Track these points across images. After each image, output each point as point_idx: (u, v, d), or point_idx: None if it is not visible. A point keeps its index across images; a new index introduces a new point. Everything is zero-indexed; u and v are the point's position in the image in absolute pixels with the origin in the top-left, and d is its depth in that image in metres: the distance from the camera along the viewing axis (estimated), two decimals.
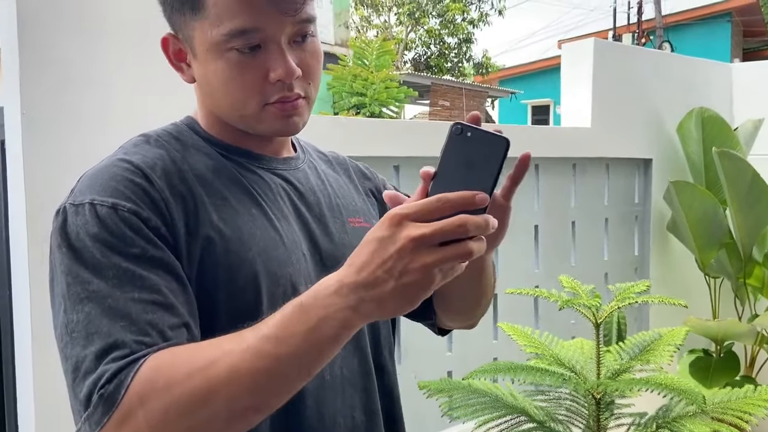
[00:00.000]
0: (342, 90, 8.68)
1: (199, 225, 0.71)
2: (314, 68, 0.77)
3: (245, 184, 0.78)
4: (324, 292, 0.58)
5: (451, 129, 0.56)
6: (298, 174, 0.85)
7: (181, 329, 0.66)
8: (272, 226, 0.77)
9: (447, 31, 17.78)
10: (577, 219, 2.57)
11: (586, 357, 1.74)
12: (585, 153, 2.55)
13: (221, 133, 0.81)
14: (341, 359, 0.80)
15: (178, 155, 0.76)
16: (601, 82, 2.60)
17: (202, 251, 0.71)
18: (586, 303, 1.51)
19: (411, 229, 0.54)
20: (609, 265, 2.71)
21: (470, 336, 2.20)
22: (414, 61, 17.99)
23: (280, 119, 0.76)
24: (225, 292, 0.71)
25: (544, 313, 2.44)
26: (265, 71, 0.73)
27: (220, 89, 0.75)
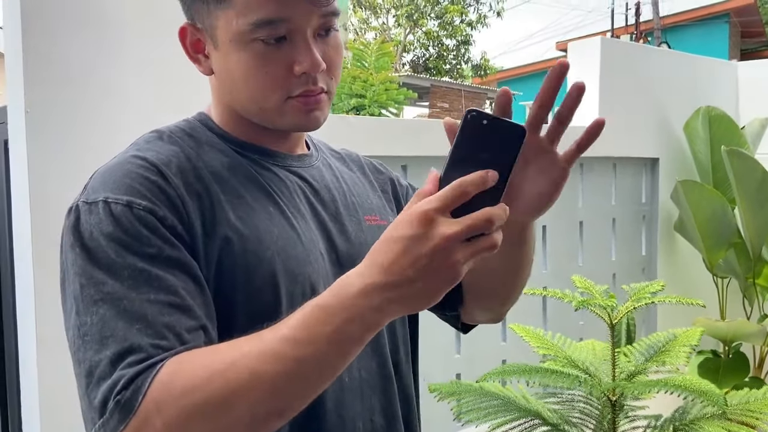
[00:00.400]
0: (341, 92, 8.67)
1: (216, 224, 0.69)
2: (337, 63, 0.75)
3: (261, 181, 0.75)
4: (347, 292, 0.56)
5: (466, 115, 0.54)
6: (313, 171, 0.83)
7: (199, 332, 0.63)
8: (290, 225, 0.74)
9: (445, 33, 17.78)
10: (585, 219, 2.55)
11: (599, 358, 1.71)
12: (592, 152, 2.48)
13: (236, 130, 0.78)
14: (359, 360, 0.78)
15: (192, 152, 0.73)
16: (608, 81, 2.57)
17: (220, 251, 0.68)
18: (601, 303, 1.48)
19: (444, 227, 0.53)
20: (617, 265, 2.68)
21: (478, 338, 2.17)
22: (412, 64, 17.98)
23: (302, 113, 0.74)
24: (243, 293, 0.69)
25: (553, 314, 2.41)
26: (289, 63, 0.71)
27: (241, 81, 0.72)
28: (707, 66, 3.06)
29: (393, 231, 0.55)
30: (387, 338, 0.82)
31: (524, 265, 0.83)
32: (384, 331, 0.81)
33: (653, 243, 2.84)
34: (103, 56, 1.33)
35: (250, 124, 0.77)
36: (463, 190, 0.53)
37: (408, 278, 0.53)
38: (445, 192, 0.53)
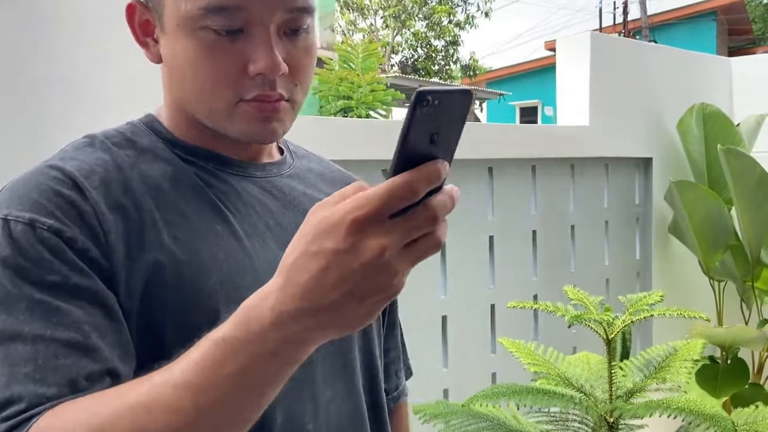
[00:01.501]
0: (328, 94, 8.55)
1: (144, 246, 0.58)
2: (304, 68, 0.65)
3: (209, 195, 0.64)
4: (256, 323, 0.45)
5: (417, 101, 0.42)
6: (280, 182, 0.71)
7: (103, 378, 0.53)
8: (241, 247, 0.63)
9: (433, 34, 17.71)
10: (576, 222, 2.44)
11: (595, 374, 1.60)
12: (583, 153, 2.42)
13: (187, 133, 0.68)
14: (329, 403, 0.67)
15: (127, 160, 0.63)
16: (599, 78, 2.47)
17: (148, 279, 0.57)
18: (596, 318, 1.37)
19: (377, 237, 0.42)
20: (610, 270, 2.58)
21: (467, 350, 2.06)
22: (401, 65, 17.89)
23: (255, 122, 0.64)
24: (175, 330, 0.58)
25: (545, 321, 2.31)
26: (243, 61, 0.61)
27: (187, 74, 0.63)
28: (700, 62, 2.97)
29: (312, 241, 0.44)
30: (363, 374, 0.72)
31: None
32: (358, 368, 0.71)
33: (648, 246, 2.74)
34: (56, 53, 1.20)
35: (203, 127, 0.66)
36: (413, 189, 0.42)
37: (334, 302, 0.43)
38: (382, 192, 0.42)
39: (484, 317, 2.13)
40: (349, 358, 0.70)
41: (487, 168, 2.13)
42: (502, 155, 2.14)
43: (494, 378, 2.14)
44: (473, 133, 2.09)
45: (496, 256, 2.15)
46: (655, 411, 1.29)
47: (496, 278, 2.16)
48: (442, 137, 0.44)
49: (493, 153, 2.11)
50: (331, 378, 0.67)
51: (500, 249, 2.16)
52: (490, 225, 2.14)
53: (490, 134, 2.14)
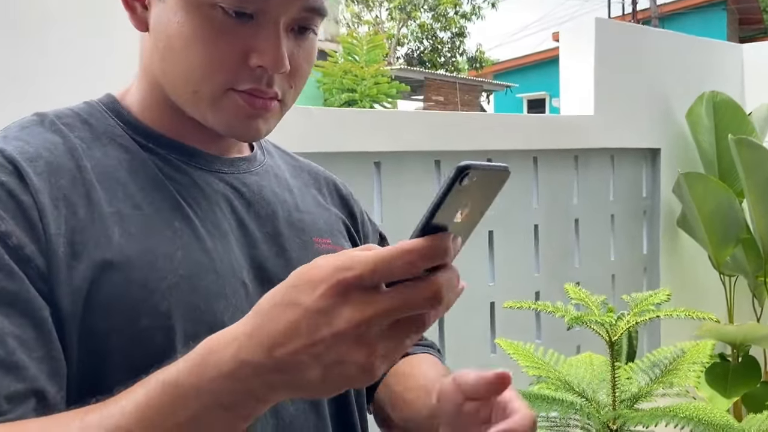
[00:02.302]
0: (332, 87, 8.47)
1: (90, 243, 0.52)
2: (303, 71, 0.60)
3: (169, 188, 0.58)
4: (213, 370, 0.40)
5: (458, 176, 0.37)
6: (249, 179, 0.65)
7: (28, 399, 0.46)
8: (201, 247, 0.57)
9: (439, 26, 17.54)
10: (581, 216, 2.35)
11: (598, 377, 1.52)
12: (588, 143, 2.33)
13: (155, 118, 0.61)
14: (292, 419, 0.60)
15: (81, 145, 0.56)
16: (604, 66, 2.37)
17: (92, 280, 0.51)
18: (597, 319, 1.28)
19: (357, 309, 0.37)
20: (616, 265, 2.49)
21: (465, 349, 1.97)
22: (407, 57, 17.75)
23: (242, 116, 0.58)
24: (122, 337, 0.51)
25: (547, 318, 2.22)
26: (246, 48, 0.56)
27: (181, 50, 0.56)
28: (711, 48, 2.86)
29: (291, 291, 0.39)
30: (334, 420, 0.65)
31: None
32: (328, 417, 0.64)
33: (655, 241, 2.65)
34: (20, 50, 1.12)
35: (174, 113, 0.60)
36: (411, 261, 0.37)
37: (301, 363, 0.38)
38: (375, 257, 0.37)
39: (483, 316, 2.04)
40: None
41: (486, 159, 2.04)
42: (502, 146, 2.05)
43: None
44: (471, 123, 2.00)
45: (496, 252, 2.07)
46: (661, 419, 1.21)
47: (496, 275, 2.07)
48: (469, 212, 0.39)
49: (493, 144, 2.02)
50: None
51: (500, 244, 2.08)
52: (489, 220, 2.06)
53: (490, 124, 2.06)
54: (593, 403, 1.40)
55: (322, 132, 1.60)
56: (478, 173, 0.37)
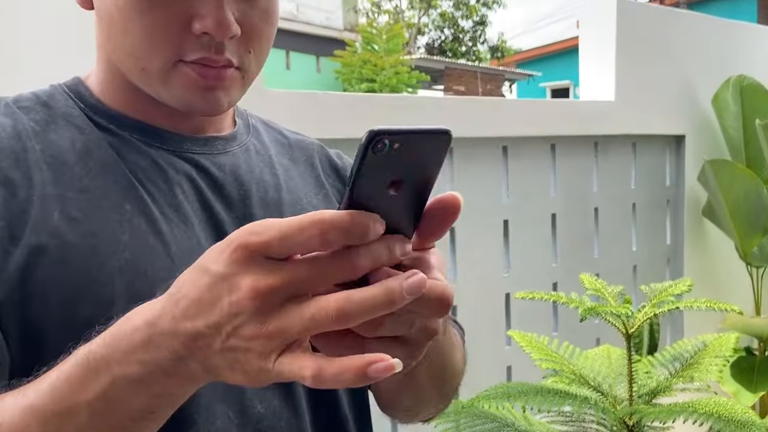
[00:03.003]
0: (351, 77, 8.42)
1: (26, 227, 0.49)
2: (261, 32, 0.55)
3: (122, 169, 0.55)
4: (125, 338, 0.38)
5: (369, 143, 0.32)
6: (221, 159, 0.61)
7: None
8: (154, 229, 0.53)
9: (461, 14, 17.34)
10: (600, 205, 2.29)
11: (615, 371, 1.46)
12: (608, 130, 2.25)
13: (118, 98, 0.58)
14: (259, 420, 0.56)
15: (35, 127, 0.54)
16: (626, 49, 2.29)
17: (26, 266, 0.48)
18: (613, 310, 1.23)
19: (255, 276, 0.34)
20: (638, 256, 2.41)
21: (478, 342, 1.93)
22: (427, 47, 17.60)
23: (195, 90, 0.54)
24: (60, 327, 0.48)
25: (564, 309, 2.16)
26: (187, 16, 0.52)
27: (120, 23, 0.53)
28: (737, 31, 2.75)
29: (205, 255, 0.37)
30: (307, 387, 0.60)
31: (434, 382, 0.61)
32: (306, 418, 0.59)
33: (679, 230, 2.56)
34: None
35: (137, 92, 0.57)
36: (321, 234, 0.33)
37: (201, 333, 0.35)
38: (289, 224, 0.33)
39: (498, 307, 1.99)
40: None
41: (502, 147, 1.99)
42: (519, 133, 1.99)
43: (509, 372, 2.01)
44: (486, 109, 1.94)
45: (512, 242, 2.01)
46: (679, 415, 1.15)
47: (511, 265, 2.02)
48: (407, 184, 0.35)
49: (508, 130, 1.97)
50: (262, 390, 0.55)
51: (516, 234, 2.02)
52: (504, 208, 2.01)
53: (505, 110, 2.00)
54: (609, 398, 1.34)
55: (328, 117, 1.56)
56: (400, 139, 0.32)
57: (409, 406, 0.65)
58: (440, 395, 0.64)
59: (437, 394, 0.63)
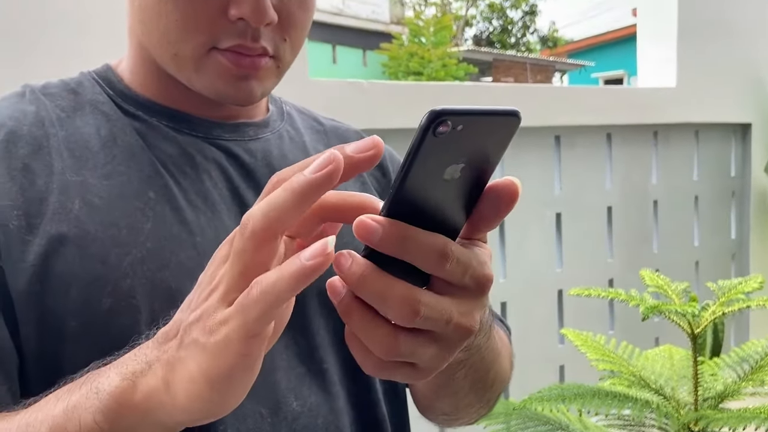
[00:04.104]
0: (398, 70, 8.38)
1: (46, 215, 0.47)
2: (298, 21, 0.53)
3: (149, 156, 0.53)
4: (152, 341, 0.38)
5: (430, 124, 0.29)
6: (253, 145, 0.59)
7: None
8: (179, 218, 0.51)
9: (509, 4, 17.02)
10: (660, 197, 2.17)
11: (678, 373, 1.38)
12: (669, 118, 2.14)
13: (145, 84, 0.57)
14: (296, 418, 0.53)
15: (60, 114, 0.53)
16: (688, 32, 2.16)
17: (46, 255, 0.46)
18: (678, 309, 1.15)
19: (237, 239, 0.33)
20: (700, 251, 2.29)
21: (529, 340, 1.86)
22: (475, 39, 17.35)
23: (229, 78, 0.52)
24: (81, 318, 0.46)
25: (621, 306, 2.07)
26: (224, 1, 0.50)
27: (155, 12, 0.52)
28: None
29: None
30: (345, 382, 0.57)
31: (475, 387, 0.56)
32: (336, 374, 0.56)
33: (745, 224, 2.42)
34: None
35: (168, 79, 0.55)
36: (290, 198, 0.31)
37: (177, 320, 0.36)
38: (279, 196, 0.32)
39: (550, 303, 1.92)
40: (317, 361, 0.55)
41: (554, 136, 1.91)
42: (572, 122, 1.91)
43: (562, 372, 1.94)
44: (537, 97, 1.87)
45: (565, 236, 1.93)
46: (751, 421, 1.06)
47: (564, 260, 1.94)
48: (466, 172, 0.32)
49: (561, 119, 1.88)
50: (297, 385, 0.52)
51: (569, 227, 1.94)
52: (557, 200, 1.93)
53: (558, 98, 1.91)
54: (672, 402, 1.26)
55: (375, 107, 1.52)
56: (464, 120, 0.29)
57: (448, 411, 0.61)
58: (481, 401, 0.60)
59: (478, 400, 0.59)
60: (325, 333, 0.55)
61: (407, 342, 0.32)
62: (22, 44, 1.09)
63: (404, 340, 0.32)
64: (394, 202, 0.31)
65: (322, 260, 0.30)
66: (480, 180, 0.33)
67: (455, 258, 0.32)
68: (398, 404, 0.63)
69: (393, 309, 0.31)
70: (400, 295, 0.31)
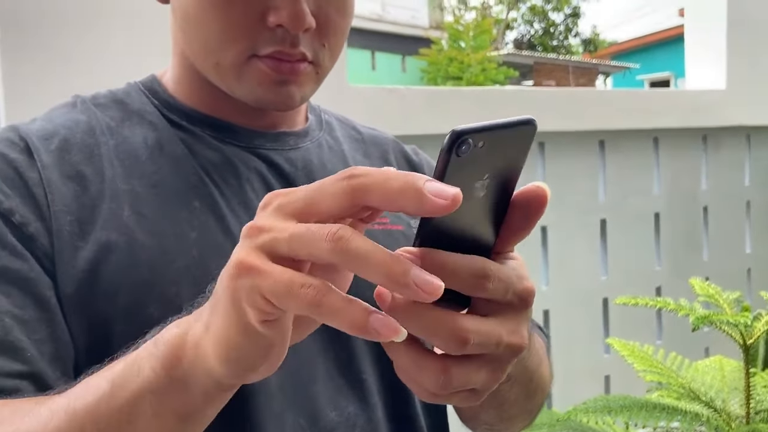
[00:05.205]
0: (437, 75, 8.37)
1: (97, 222, 0.49)
2: (335, 26, 0.54)
3: (193, 165, 0.54)
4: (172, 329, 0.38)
5: (452, 144, 0.30)
6: (293, 155, 0.60)
7: (24, 381, 0.44)
8: (222, 227, 0.52)
9: (551, 6, 16.80)
10: (710, 203, 2.11)
11: (729, 385, 1.33)
12: (719, 121, 2.07)
13: (189, 94, 0.58)
14: (335, 428, 0.53)
15: (109, 123, 0.55)
16: (739, 32, 2.09)
17: (96, 261, 0.48)
18: (730, 319, 1.10)
19: (260, 218, 0.34)
20: (752, 259, 2.21)
21: (574, 348, 1.82)
22: (516, 42, 17.19)
23: (269, 84, 0.53)
24: (129, 324, 0.48)
25: (669, 315, 2.01)
26: (263, 9, 0.51)
27: (195, 17, 0.53)
28: None
29: None
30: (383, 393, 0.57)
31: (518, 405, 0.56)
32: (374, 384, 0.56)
33: None
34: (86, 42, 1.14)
35: (210, 88, 0.57)
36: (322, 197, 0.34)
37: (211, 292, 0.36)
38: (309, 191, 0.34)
39: (594, 312, 1.88)
40: (356, 372, 0.55)
41: (598, 141, 1.87)
42: (617, 126, 1.87)
43: (607, 382, 1.89)
44: (580, 100, 1.83)
45: (610, 243, 1.89)
46: None
47: (609, 268, 1.90)
48: (492, 186, 0.32)
49: (606, 123, 1.84)
50: (335, 395, 0.52)
51: (615, 234, 1.90)
52: (601, 207, 1.89)
53: (602, 101, 1.88)
54: (723, 415, 1.22)
55: (410, 112, 1.52)
56: (484, 137, 0.29)
57: (492, 422, 0.60)
58: (525, 411, 0.59)
59: (521, 410, 0.58)
60: (363, 344, 0.55)
61: (459, 373, 0.32)
62: (71, 54, 1.13)
63: (456, 372, 0.32)
64: (425, 228, 0.32)
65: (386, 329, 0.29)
66: (505, 192, 0.33)
67: (495, 277, 0.32)
68: (439, 417, 0.62)
69: (441, 341, 0.31)
70: (447, 326, 0.30)
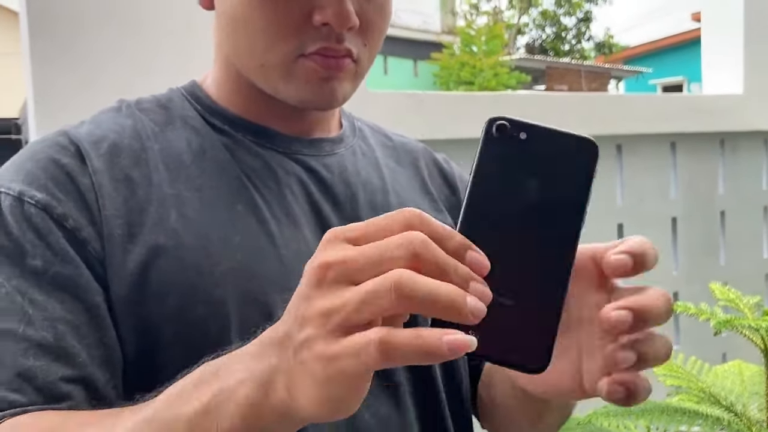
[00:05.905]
0: (449, 80, 8.39)
1: (146, 225, 0.50)
2: (376, 26, 0.56)
3: (236, 170, 0.56)
4: (246, 347, 0.38)
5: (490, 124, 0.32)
6: (329, 160, 0.61)
7: (76, 385, 0.45)
8: (264, 231, 0.54)
9: (563, 11, 16.77)
10: (728, 208, 2.10)
11: (749, 389, 1.32)
12: (736, 126, 2.07)
13: (231, 99, 0.60)
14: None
15: (154, 128, 0.56)
16: (756, 36, 2.09)
17: (146, 263, 0.49)
18: (751, 323, 1.10)
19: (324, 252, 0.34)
20: None
21: None
22: (528, 47, 17.17)
23: (315, 81, 0.54)
24: (177, 325, 0.49)
25: (687, 320, 2.00)
26: (308, 8, 0.53)
27: (241, 22, 0.54)
28: None
29: None
30: (416, 395, 0.58)
31: None
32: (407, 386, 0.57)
33: None
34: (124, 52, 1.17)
35: (251, 93, 0.58)
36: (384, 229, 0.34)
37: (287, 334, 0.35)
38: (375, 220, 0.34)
39: None
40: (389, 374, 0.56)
41: (615, 145, 1.87)
42: (634, 130, 1.87)
43: None
44: (596, 105, 1.84)
45: None
46: None
47: None
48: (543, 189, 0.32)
49: (623, 127, 1.85)
50: (369, 397, 0.54)
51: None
52: (619, 211, 1.89)
53: (618, 106, 1.88)
54: (744, 419, 1.21)
55: (432, 118, 1.53)
56: (527, 130, 0.30)
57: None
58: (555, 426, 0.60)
59: (553, 424, 0.59)
60: None
61: None
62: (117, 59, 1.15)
63: None
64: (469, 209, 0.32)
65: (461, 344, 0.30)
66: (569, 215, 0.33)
67: None
68: (464, 423, 0.63)
69: None
70: None
